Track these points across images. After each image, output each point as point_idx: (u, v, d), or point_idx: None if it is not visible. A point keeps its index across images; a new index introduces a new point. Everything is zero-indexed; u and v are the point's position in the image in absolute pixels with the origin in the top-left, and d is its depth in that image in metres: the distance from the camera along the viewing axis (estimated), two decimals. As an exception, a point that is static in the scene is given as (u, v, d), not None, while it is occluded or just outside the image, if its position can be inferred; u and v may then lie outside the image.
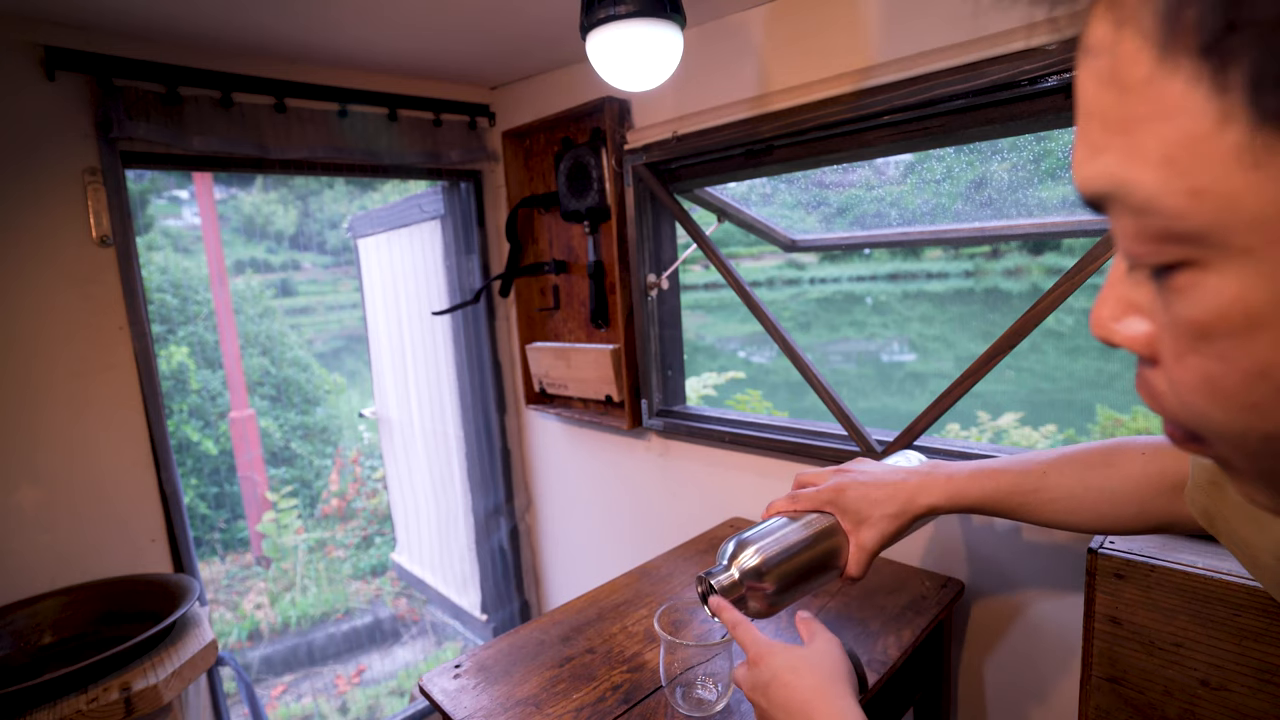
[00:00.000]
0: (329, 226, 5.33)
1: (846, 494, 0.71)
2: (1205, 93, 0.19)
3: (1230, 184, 0.19)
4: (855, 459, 0.81)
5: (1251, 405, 0.22)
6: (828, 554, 0.71)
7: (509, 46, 1.53)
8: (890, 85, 1.10)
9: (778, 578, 0.68)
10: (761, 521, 0.74)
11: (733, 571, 0.69)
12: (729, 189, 1.58)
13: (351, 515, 4.33)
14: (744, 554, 0.69)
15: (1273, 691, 0.66)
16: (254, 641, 3.33)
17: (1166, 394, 0.25)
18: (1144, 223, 0.22)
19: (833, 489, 0.72)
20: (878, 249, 1.61)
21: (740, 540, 0.71)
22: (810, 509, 0.73)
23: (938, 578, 1.14)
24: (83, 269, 1.29)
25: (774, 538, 0.70)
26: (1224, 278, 0.21)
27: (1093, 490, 0.66)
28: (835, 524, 0.72)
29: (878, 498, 0.71)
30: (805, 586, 0.70)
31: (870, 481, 0.72)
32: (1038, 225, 1.30)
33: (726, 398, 3.44)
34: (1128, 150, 0.22)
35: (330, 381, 5.03)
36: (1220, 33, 0.18)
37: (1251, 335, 0.21)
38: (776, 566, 0.68)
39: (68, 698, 0.98)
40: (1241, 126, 0.19)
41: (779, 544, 0.70)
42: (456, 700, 0.88)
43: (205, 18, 1.24)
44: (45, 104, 1.23)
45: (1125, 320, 0.26)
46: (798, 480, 0.78)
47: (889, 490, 0.72)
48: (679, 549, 1.32)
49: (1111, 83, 0.22)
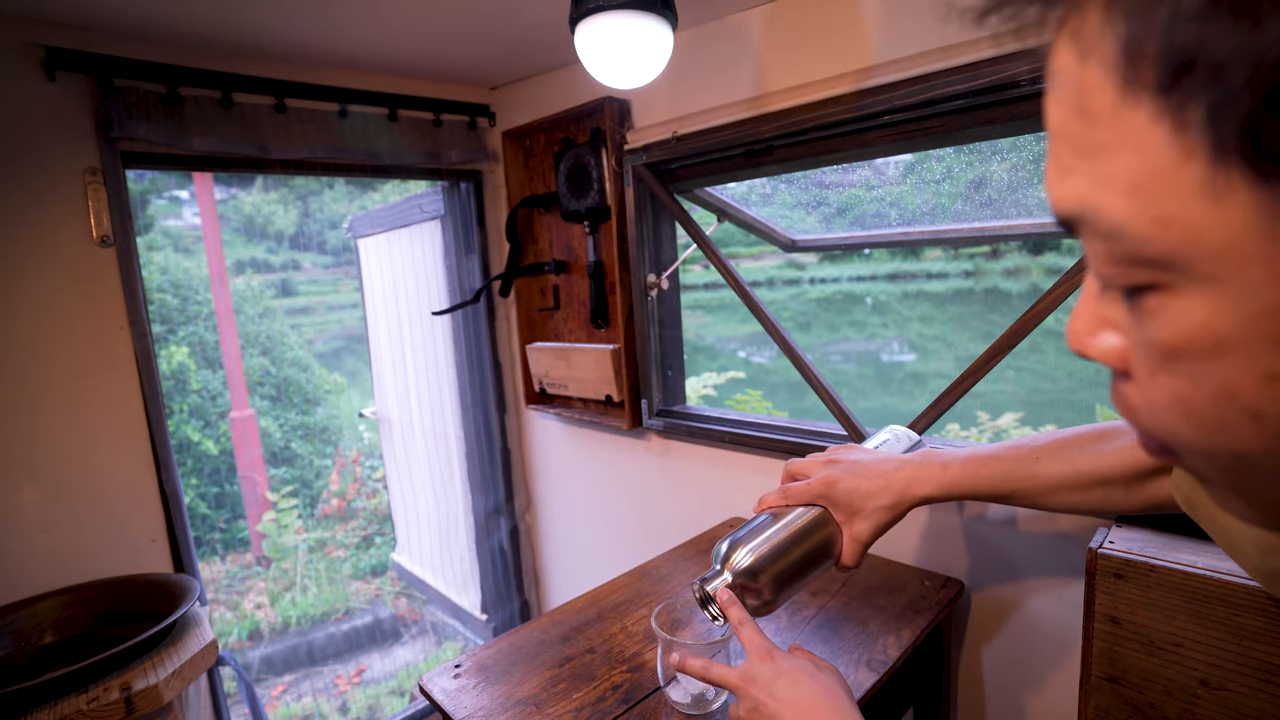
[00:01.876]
0: (329, 226, 5.33)
1: (838, 487, 0.71)
2: (1167, 129, 0.19)
3: (1194, 215, 0.20)
4: (845, 445, 0.80)
5: (1220, 424, 0.23)
6: (821, 547, 0.71)
7: (509, 47, 1.53)
8: (890, 85, 1.10)
9: (772, 577, 0.68)
10: (753, 518, 0.74)
11: (726, 575, 0.68)
12: (729, 189, 1.58)
13: (351, 515, 4.33)
14: (736, 555, 0.69)
15: (1273, 691, 0.66)
16: (254, 641, 3.33)
17: (1140, 408, 0.26)
18: (1113, 247, 0.22)
19: (823, 482, 0.72)
20: (878, 249, 1.61)
21: (732, 541, 0.70)
22: (802, 503, 0.72)
23: (937, 577, 1.14)
24: (83, 269, 1.29)
25: (765, 536, 0.70)
26: (1191, 302, 0.21)
27: (1083, 475, 0.67)
28: (827, 515, 0.72)
29: (870, 490, 0.71)
30: (801, 582, 0.70)
31: (862, 473, 0.72)
32: (1038, 225, 1.30)
33: (726, 398, 3.44)
34: (1096, 176, 0.22)
35: (330, 381, 5.03)
36: (1177, 72, 0.18)
37: (1219, 358, 0.21)
38: (770, 565, 0.68)
39: (68, 697, 0.98)
40: (1202, 162, 0.19)
41: (771, 542, 0.69)
42: (456, 700, 0.88)
43: (205, 18, 1.24)
44: (45, 104, 1.23)
45: (1099, 335, 0.26)
46: (788, 470, 0.78)
47: (881, 482, 0.71)
48: (679, 549, 1.33)
49: (1078, 110, 0.22)
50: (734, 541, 0.70)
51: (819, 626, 1.01)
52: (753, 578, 0.68)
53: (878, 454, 0.77)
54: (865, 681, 0.87)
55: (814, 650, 0.95)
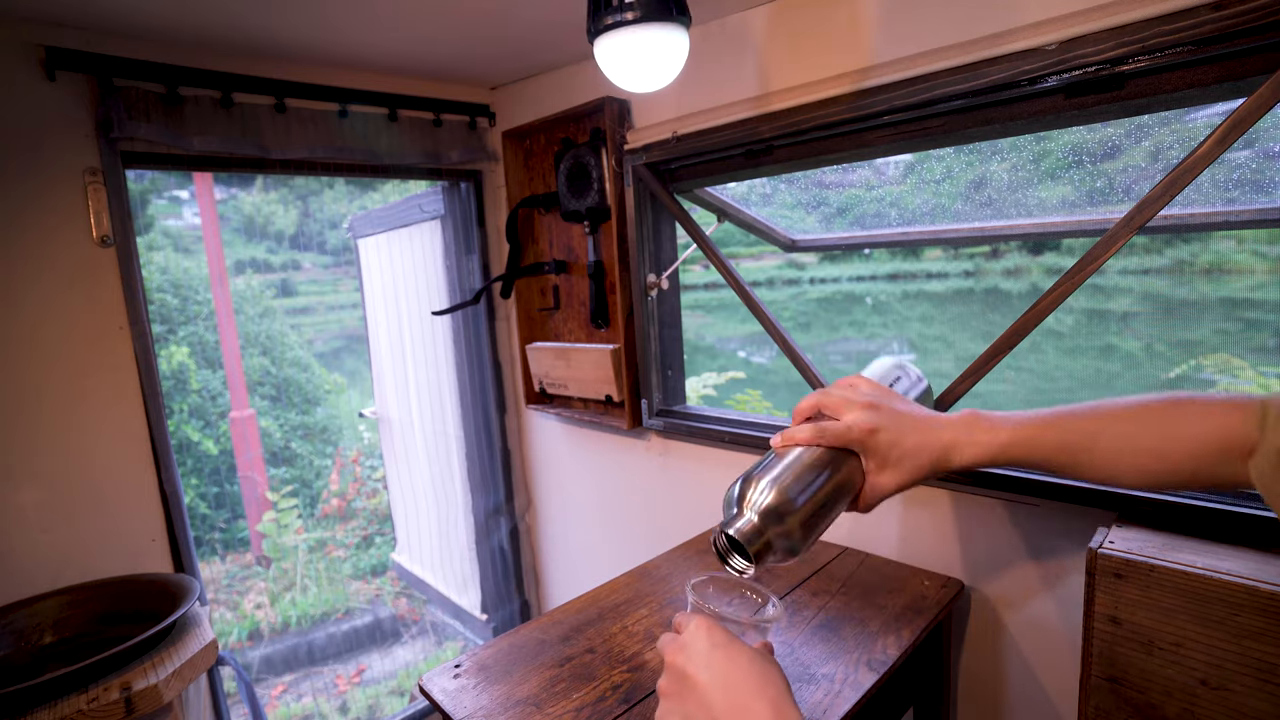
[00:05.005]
0: (329, 226, 5.33)
1: (878, 437, 0.66)
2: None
3: None
4: (859, 378, 0.73)
5: None
6: (846, 489, 0.65)
7: (509, 47, 1.53)
8: (890, 85, 1.10)
9: (802, 519, 0.60)
10: (770, 455, 0.66)
11: (749, 515, 0.60)
12: (729, 189, 1.58)
13: (351, 515, 4.33)
14: (754, 492, 0.60)
15: (1273, 691, 0.66)
16: (254, 641, 3.33)
17: None
18: None
19: (864, 429, 0.66)
20: (878, 249, 1.62)
21: (747, 477, 0.62)
22: (838, 446, 0.66)
23: (938, 578, 1.14)
24: (83, 269, 1.29)
25: (791, 473, 0.61)
26: None
27: (1143, 453, 0.64)
28: (856, 460, 0.66)
29: (911, 448, 0.67)
30: (825, 526, 0.63)
31: (906, 428, 0.67)
32: (1038, 225, 1.30)
33: (726, 398, 3.44)
34: None
35: (330, 381, 5.03)
36: None
37: None
38: (798, 506, 0.60)
39: (68, 697, 0.98)
40: None
41: (794, 475, 0.61)
42: (456, 700, 0.88)
43: (205, 18, 1.24)
44: (46, 104, 1.23)
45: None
46: (811, 404, 0.70)
47: (922, 439, 0.67)
48: (679, 549, 1.33)
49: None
50: (749, 477, 0.62)
51: (819, 626, 1.01)
52: (779, 519, 0.59)
53: (918, 408, 0.71)
54: (865, 681, 0.87)
55: (814, 650, 0.95)
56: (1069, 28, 0.92)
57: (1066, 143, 1.29)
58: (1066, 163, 1.29)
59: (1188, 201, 1.10)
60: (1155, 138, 1.17)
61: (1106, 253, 0.96)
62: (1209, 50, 0.83)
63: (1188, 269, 2.05)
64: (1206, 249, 1.77)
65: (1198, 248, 1.88)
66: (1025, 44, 0.95)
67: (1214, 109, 0.95)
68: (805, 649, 0.95)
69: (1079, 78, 0.92)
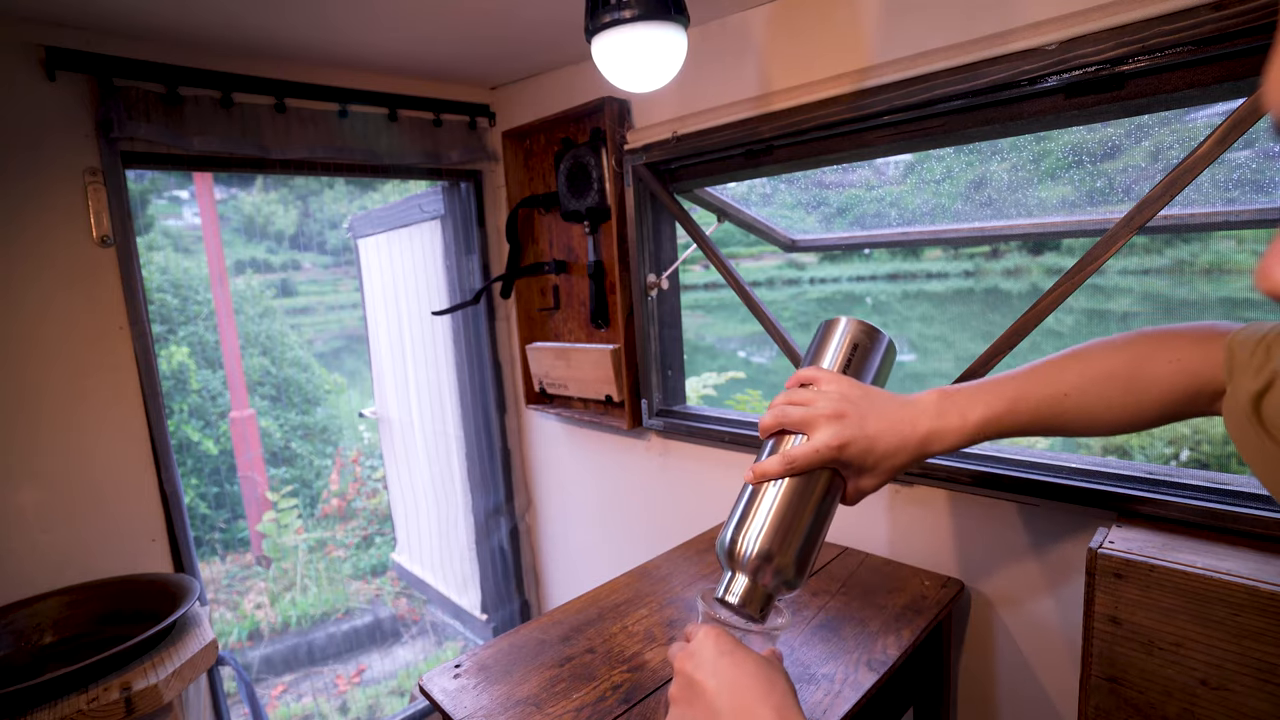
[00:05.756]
0: (329, 226, 5.33)
1: (849, 451, 0.64)
2: None
3: None
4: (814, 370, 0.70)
5: None
6: (829, 507, 0.65)
7: (508, 47, 1.53)
8: (890, 85, 1.10)
9: (793, 555, 0.61)
10: (747, 494, 0.65)
11: (742, 578, 0.61)
12: (729, 189, 1.58)
13: (351, 515, 4.33)
14: (740, 548, 0.61)
15: (1272, 691, 0.66)
16: (254, 641, 3.33)
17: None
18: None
19: (832, 449, 0.64)
20: (878, 249, 1.62)
21: (730, 534, 0.63)
22: (810, 470, 0.64)
23: (938, 578, 1.14)
24: (83, 269, 1.29)
25: (764, 513, 0.62)
26: None
27: (1115, 408, 0.65)
28: (832, 475, 0.65)
29: (885, 451, 0.65)
30: (817, 547, 0.64)
31: (875, 433, 0.65)
32: (1038, 225, 1.30)
33: (726, 398, 3.44)
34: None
35: (330, 381, 5.03)
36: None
37: None
38: (783, 546, 0.61)
39: (68, 697, 0.98)
40: None
41: (775, 520, 0.62)
42: (456, 700, 0.88)
43: (205, 18, 1.24)
44: (46, 104, 1.23)
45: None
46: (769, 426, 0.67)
47: (898, 440, 0.65)
48: (679, 549, 1.33)
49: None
50: (732, 536, 0.63)
51: (819, 626, 1.01)
52: (773, 571, 0.61)
53: (886, 402, 0.68)
54: (865, 681, 0.87)
55: (814, 650, 0.95)
56: (1069, 28, 0.92)
57: (1066, 143, 1.29)
58: (1066, 163, 1.30)
59: (1188, 201, 1.10)
60: (1155, 138, 1.17)
61: (1106, 253, 0.96)
62: (1209, 50, 0.83)
63: (1188, 269, 2.05)
64: (1206, 249, 1.77)
65: (1198, 248, 1.88)
66: (1025, 44, 0.95)
67: (1214, 109, 0.95)
68: (805, 649, 0.95)
69: (1079, 78, 0.92)
